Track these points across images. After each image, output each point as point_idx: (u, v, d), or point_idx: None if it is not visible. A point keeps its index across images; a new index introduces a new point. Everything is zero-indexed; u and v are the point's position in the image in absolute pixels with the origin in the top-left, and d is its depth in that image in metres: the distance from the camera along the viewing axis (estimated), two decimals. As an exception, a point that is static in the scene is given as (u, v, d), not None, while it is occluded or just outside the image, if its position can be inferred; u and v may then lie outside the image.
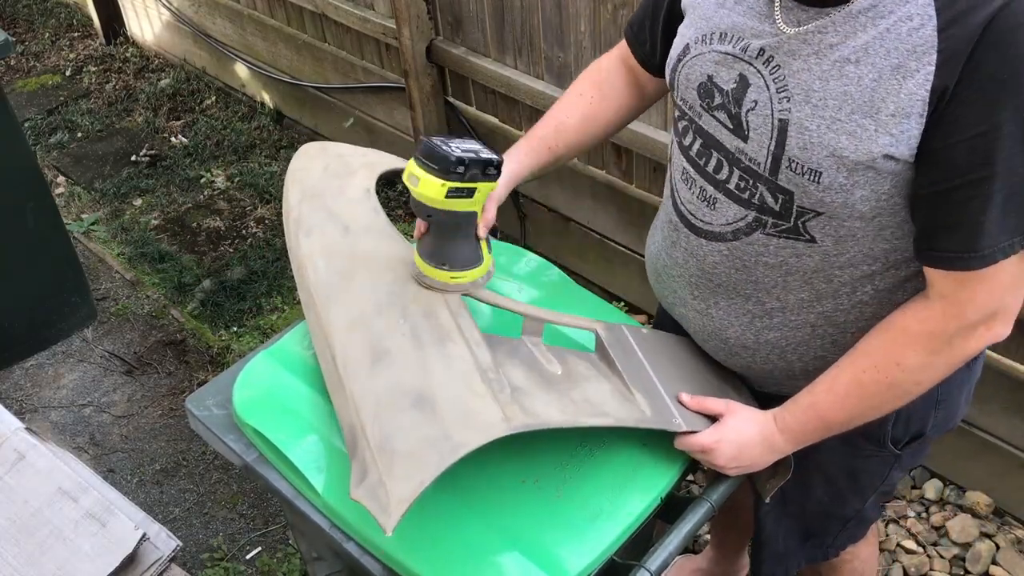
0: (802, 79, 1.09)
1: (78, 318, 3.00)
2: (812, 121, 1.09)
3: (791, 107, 1.10)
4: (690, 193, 1.28)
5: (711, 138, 1.23)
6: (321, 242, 1.43)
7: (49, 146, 4.03)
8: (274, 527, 2.43)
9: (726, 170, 1.22)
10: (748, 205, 1.21)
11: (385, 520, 1.05)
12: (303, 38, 3.57)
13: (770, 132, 1.13)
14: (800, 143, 1.10)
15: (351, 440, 1.19)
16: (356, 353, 1.26)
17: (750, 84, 1.15)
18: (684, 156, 1.29)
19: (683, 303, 1.40)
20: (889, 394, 1.19)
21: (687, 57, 1.24)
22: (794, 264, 1.22)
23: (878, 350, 1.18)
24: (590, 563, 1.20)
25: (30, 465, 1.25)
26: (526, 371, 1.26)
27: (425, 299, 1.32)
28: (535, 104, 2.72)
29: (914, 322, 1.14)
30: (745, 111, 1.16)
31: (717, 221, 1.25)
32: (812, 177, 1.11)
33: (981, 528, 2.24)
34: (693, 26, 1.23)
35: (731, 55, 1.17)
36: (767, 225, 1.20)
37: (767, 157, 1.15)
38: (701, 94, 1.22)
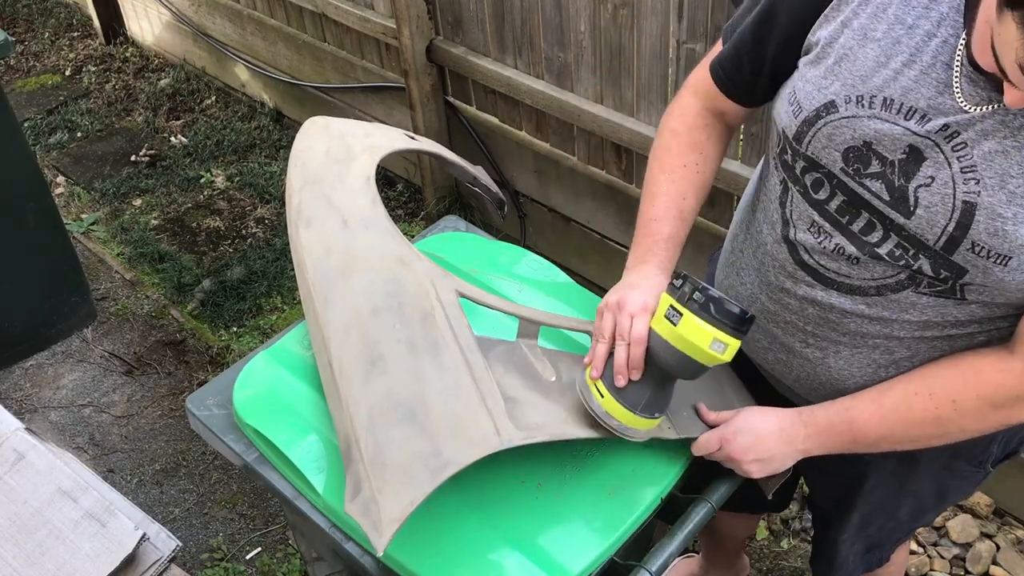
0: (996, 163, 1.01)
1: (78, 318, 3.00)
2: (1008, 209, 1.01)
3: (980, 190, 1.02)
4: (822, 249, 1.18)
5: (861, 200, 1.12)
6: (320, 235, 1.43)
7: (49, 146, 4.03)
8: (274, 527, 2.43)
9: (878, 233, 1.12)
10: (901, 268, 1.12)
11: (376, 539, 1.06)
12: (303, 38, 3.57)
13: (949, 213, 1.05)
14: (991, 229, 1.02)
15: (345, 450, 1.20)
16: (351, 357, 1.26)
17: (925, 159, 1.05)
18: (815, 208, 1.17)
19: (786, 350, 1.31)
20: (930, 428, 1.16)
21: (832, 116, 1.11)
22: (938, 321, 1.15)
23: (940, 379, 1.14)
24: (590, 563, 1.20)
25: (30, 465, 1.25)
26: (520, 378, 1.26)
27: (420, 301, 1.31)
28: (535, 104, 2.72)
29: (991, 369, 1.11)
30: (915, 186, 1.06)
31: (859, 276, 1.16)
32: (999, 261, 1.04)
33: (981, 528, 2.24)
34: (841, 80, 1.10)
35: (900, 127, 1.06)
36: (920, 284, 1.12)
37: (940, 236, 1.06)
38: (849, 158, 1.11)
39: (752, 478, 1.29)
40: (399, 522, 1.06)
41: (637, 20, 2.31)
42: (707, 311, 1.11)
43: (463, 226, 1.80)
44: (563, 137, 2.77)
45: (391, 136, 1.64)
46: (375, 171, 1.52)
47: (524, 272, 1.62)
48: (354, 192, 1.48)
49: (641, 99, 2.45)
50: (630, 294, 1.23)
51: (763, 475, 1.27)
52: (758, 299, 1.32)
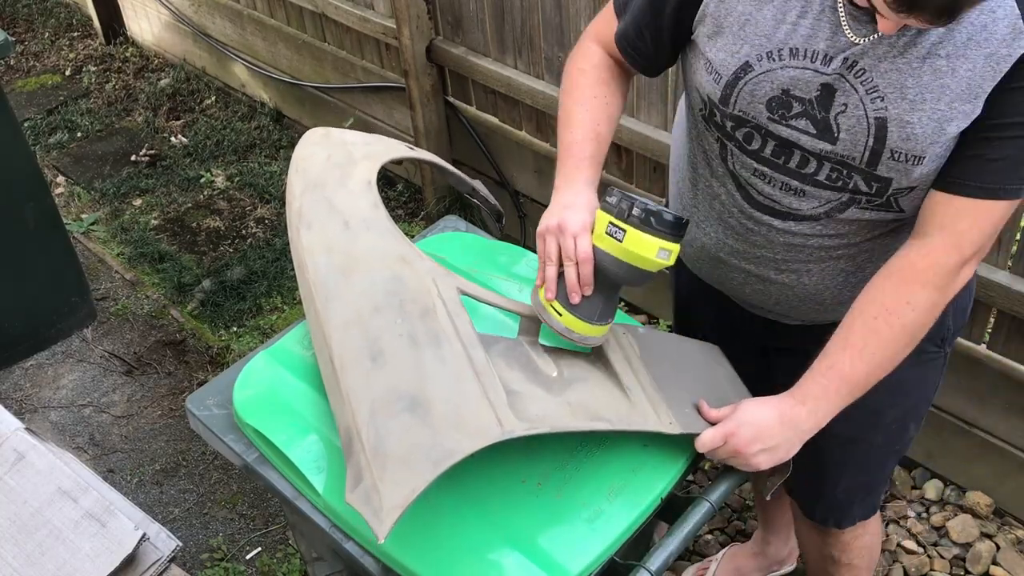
0: (893, 79, 1.16)
1: (78, 318, 3.00)
2: (912, 115, 1.16)
3: (887, 105, 1.17)
4: (770, 188, 1.32)
5: (788, 142, 1.26)
6: (321, 236, 1.43)
7: (49, 146, 4.03)
8: (274, 527, 2.43)
9: (813, 165, 1.26)
10: (841, 190, 1.27)
11: (378, 527, 1.06)
12: (303, 38, 3.57)
13: (866, 130, 1.19)
14: (902, 135, 1.17)
15: (347, 442, 1.20)
16: (352, 352, 1.26)
17: (836, 90, 1.20)
18: (753, 157, 1.31)
19: (762, 280, 1.43)
20: (904, 338, 1.24)
21: (750, 75, 1.25)
22: (883, 227, 1.31)
23: (886, 293, 1.23)
24: (590, 563, 1.20)
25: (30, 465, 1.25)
26: (521, 373, 1.26)
27: (422, 298, 1.31)
28: (535, 104, 2.71)
29: (918, 258, 1.22)
30: (834, 115, 1.21)
31: (807, 206, 1.31)
32: (915, 162, 1.18)
33: (981, 528, 2.24)
34: (749, 42, 1.24)
35: (808, 69, 1.21)
36: (861, 202, 1.27)
37: (863, 152, 1.21)
38: (773, 107, 1.25)
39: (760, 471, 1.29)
40: (400, 509, 1.06)
41: (637, 20, 2.31)
42: (648, 224, 1.21)
43: (463, 226, 1.80)
44: (563, 137, 2.77)
45: (391, 145, 1.65)
46: (376, 176, 1.53)
47: (524, 272, 1.62)
48: (355, 195, 1.48)
49: (641, 99, 2.45)
50: (567, 215, 1.30)
51: (771, 465, 1.27)
52: (726, 243, 1.43)
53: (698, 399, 1.34)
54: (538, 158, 2.89)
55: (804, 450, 1.55)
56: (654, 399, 1.30)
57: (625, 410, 1.27)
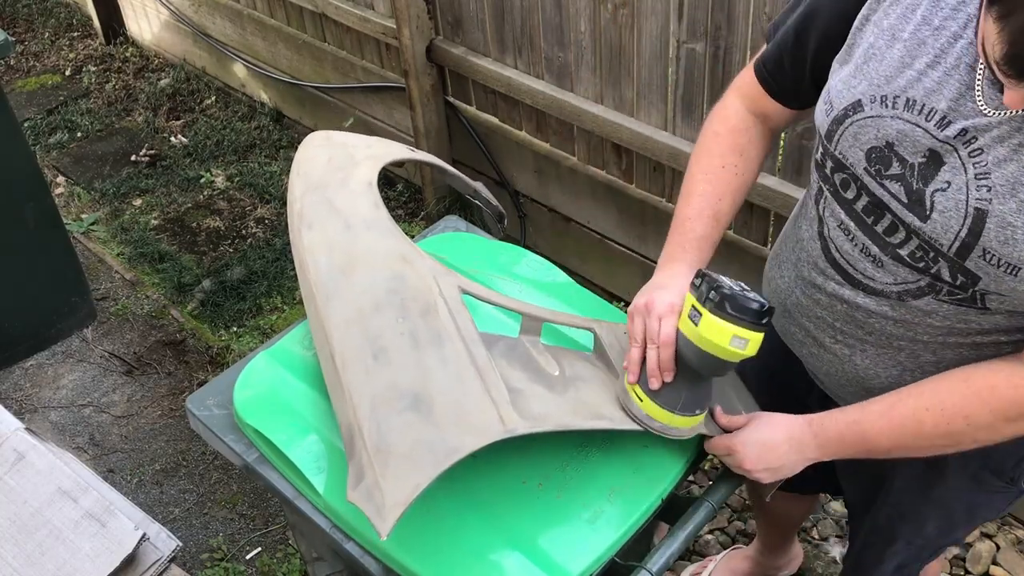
0: (1008, 170, 1.01)
1: (78, 318, 3.00)
2: (1018, 218, 1.01)
3: (991, 197, 1.02)
4: (851, 246, 1.20)
5: (881, 202, 1.14)
6: (322, 236, 1.43)
7: (49, 146, 4.03)
8: (274, 527, 2.43)
9: (901, 235, 1.13)
10: (922, 272, 1.13)
11: (380, 524, 1.06)
12: (303, 38, 3.57)
13: (962, 219, 1.05)
14: (1001, 237, 1.02)
15: (348, 440, 1.19)
16: (354, 351, 1.26)
17: (944, 164, 1.05)
18: (843, 208, 1.20)
19: (818, 344, 1.33)
20: (942, 441, 1.15)
21: (858, 115, 1.12)
22: (961, 328, 1.16)
23: (952, 396, 1.13)
24: (591, 564, 1.20)
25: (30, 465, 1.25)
26: (523, 372, 1.26)
27: (423, 296, 1.31)
28: (535, 104, 2.71)
29: (1005, 385, 1.10)
30: (932, 190, 1.07)
31: (882, 279, 1.18)
32: (1009, 271, 1.04)
33: (981, 528, 2.24)
34: (867, 79, 1.11)
35: (921, 128, 1.07)
36: (941, 292, 1.13)
37: (954, 241, 1.07)
38: (871, 158, 1.12)
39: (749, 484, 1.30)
40: (403, 507, 1.05)
41: (637, 20, 2.31)
42: (723, 309, 1.12)
43: (463, 226, 1.80)
44: (563, 137, 2.77)
45: (392, 147, 1.65)
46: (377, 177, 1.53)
47: (524, 272, 1.62)
48: (356, 195, 1.48)
49: (641, 99, 2.45)
50: (657, 295, 1.24)
51: (772, 481, 1.28)
52: (793, 292, 1.34)
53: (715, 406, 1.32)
54: (538, 158, 2.89)
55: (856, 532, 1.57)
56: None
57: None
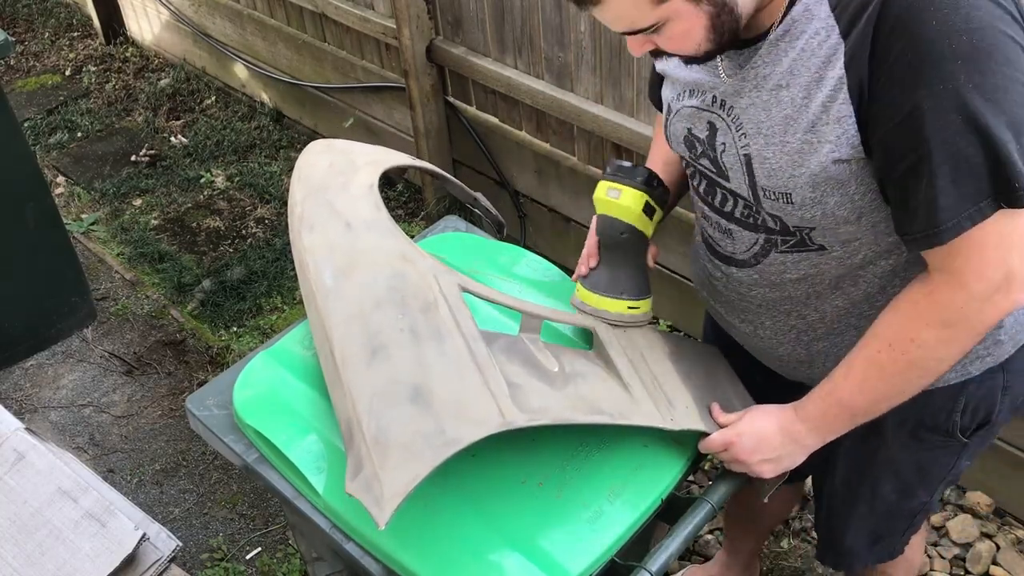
0: (751, 114, 1.18)
1: (78, 318, 3.00)
2: (768, 150, 1.16)
3: (749, 142, 1.18)
4: (712, 228, 1.35)
5: (710, 180, 1.31)
6: (323, 238, 1.43)
7: (49, 146, 4.03)
8: (274, 527, 2.43)
9: (731, 202, 1.29)
10: (756, 229, 1.27)
11: (378, 514, 1.05)
12: (303, 38, 3.57)
13: (741, 168, 1.21)
14: (765, 172, 1.18)
15: (347, 434, 1.20)
16: (354, 347, 1.26)
17: (717, 129, 1.24)
18: (698, 196, 1.36)
19: (731, 326, 1.45)
20: (911, 373, 1.18)
21: (671, 116, 1.33)
22: (817, 274, 1.26)
23: (889, 328, 1.18)
24: (590, 564, 1.20)
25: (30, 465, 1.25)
26: (523, 368, 1.26)
27: (423, 294, 1.32)
28: (535, 104, 2.72)
29: (920, 296, 1.14)
30: (719, 154, 1.25)
31: (738, 249, 1.32)
32: (786, 199, 1.18)
33: (981, 528, 2.24)
34: (670, 86, 1.33)
35: (698, 107, 1.26)
36: (778, 244, 1.25)
37: (748, 190, 1.22)
38: (687, 146, 1.31)
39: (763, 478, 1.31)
40: (401, 497, 1.05)
41: (637, 20, 2.31)
42: (605, 172, 1.35)
43: (463, 226, 1.80)
44: (563, 137, 2.77)
45: (392, 155, 1.65)
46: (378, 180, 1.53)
47: (524, 272, 1.62)
48: (357, 198, 1.49)
49: (641, 99, 2.45)
50: None
51: (774, 474, 1.29)
52: (705, 282, 1.46)
53: (700, 398, 1.35)
54: (538, 158, 2.89)
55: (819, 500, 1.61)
56: (655, 395, 1.30)
57: (626, 405, 1.27)
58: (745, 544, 2.07)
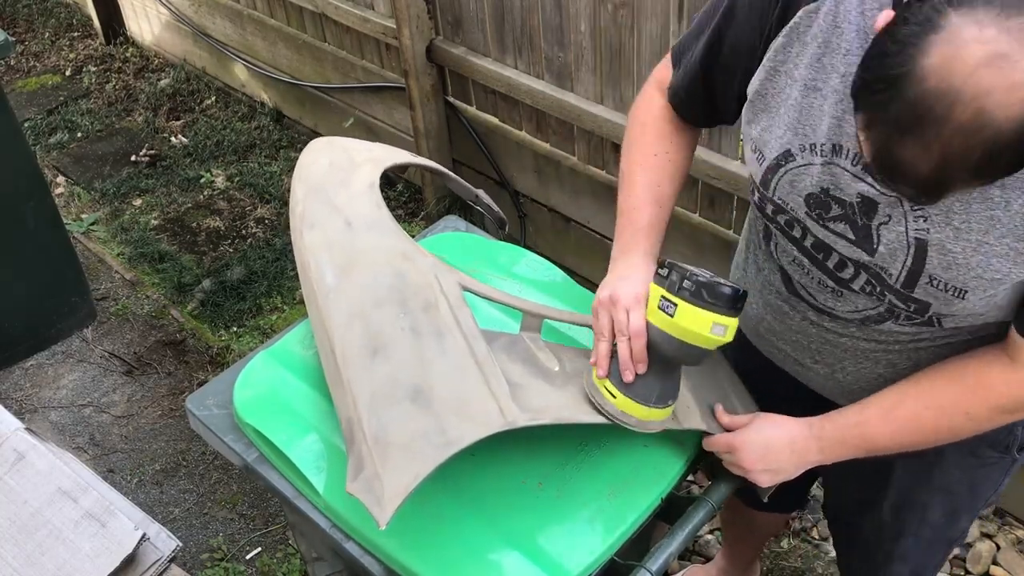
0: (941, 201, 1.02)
1: (78, 318, 3.00)
2: (956, 244, 1.04)
3: (929, 227, 1.05)
4: (808, 279, 1.24)
5: (824, 243, 1.16)
6: (324, 236, 1.43)
7: (49, 146, 4.02)
8: (274, 527, 2.43)
9: (850, 270, 1.16)
10: (877, 302, 1.17)
11: (379, 513, 1.05)
12: (303, 38, 3.57)
13: (906, 248, 1.08)
14: (943, 264, 1.06)
15: (348, 433, 1.20)
16: (355, 346, 1.26)
17: (878, 203, 1.08)
18: (794, 245, 1.22)
19: (799, 364, 1.36)
20: (943, 435, 1.19)
21: (790, 164, 1.14)
22: (927, 339, 1.20)
23: (950, 395, 1.16)
24: (590, 564, 1.20)
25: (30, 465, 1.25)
26: (524, 367, 1.26)
27: (424, 292, 1.32)
28: (535, 104, 2.71)
29: (1000, 382, 1.13)
30: (876, 224, 1.10)
31: (843, 308, 1.22)
32: (956, 294, 1.08)
33: (981, 528, 2.24)
34: (792, 129, 1.14)
35: (848, 172, 1.09)
36: (900, 317, 1.17)
37: (901, 271, 1.10)
38: (811, 203, 1.14)
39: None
40: (402, 496, 1.06)
41: (637, 20, 2.31)
42: (700, 297, 1.11)
43: (463, 226, 1.80)
44: (563, 137, 2.77)
45: (393, 152, 1.65)
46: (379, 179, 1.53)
47: (524, 272, 1.62)
48: (358, 196, 1.49)
49: (641, 99, 2.45)
50: (621, 287, 1.23)
51: (770, 484, 1.28)
52: (764, 318, 1.36)
53: (701, 398, 1.33)
54: (538, 158, 2.90)
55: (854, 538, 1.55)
56: None
57: None
58: (743, 549, 2.07)
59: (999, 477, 1.43)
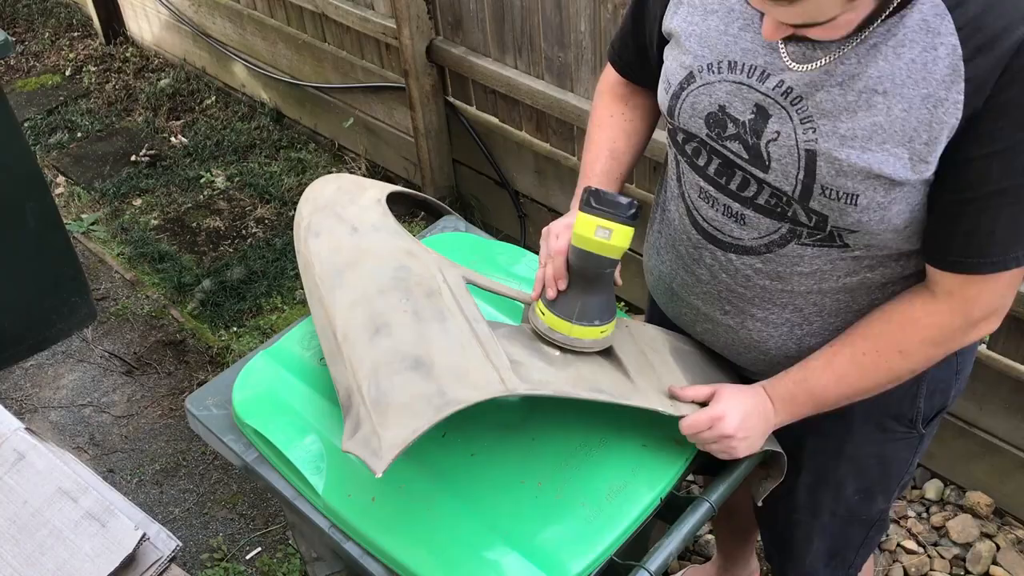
0: (827, 109, 1.10)
1: (78, 318, 3.00)
2: (842, 151, 1.10)
3: (817, 138, 1.11)
4: (713, 211, 1.28)
5: (730, 161, 1.22)
6: (329, 240, 1.44)
7: (49, 146, 4.03)
8: (274, 527, 2.43)
9: (753, 187, 1.21)
10: (780, 218, 1.21)
11: (375, 463, 1.05)
12: (303, 38, 3.57)
13: (796, 162, 1.14)
14: (832, 171, 1.11)
15: (346, 401, 1.19)
16: (357, 326, 1.26)
17: (770, 115, 1.14)
18: (700, 175, 1.28)
19: (709, 319, 1.39)
20: (884, 377, 1.23)
21: (691, 86, 1.22)
22: (828, 270, 1.23)
23: (882, 336, 1.21)
24: (590, 564, 1.20)
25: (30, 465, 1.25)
26: (525, 349, 1.27)
27: (427, 282, 1.32)
28: (535, 104, 2.72)
29: (923, 315, 1.18)
30: (765, 142, 1.16)
31: (748, 236, 1.25)
32: (848, 200, 1.12)
33: (981, 528, 2.24)
34: (692, 52, 1.21)
35: (745, 85, 1.16)
36: (802, 236, 1.20)
37: (795, 185, 1.15)
38: (710, 123, 1.21)
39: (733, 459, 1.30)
40: (400, 448, 1.05)
41: (637, 20, 2.31)
42: (589, 204, 1.21)
43: (463, 226, 1.81)
44: (563, 137, 2.77)
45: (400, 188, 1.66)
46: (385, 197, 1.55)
47: (523, 272, 1.62)
48: (364, 208, 1.51)
49: (641, 99, 2.45)
50: (558, 220, 1.35)
51: (746, 453, 1.28)
52: (678, 274, 1.40)
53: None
54: (538, 158, 2.90)
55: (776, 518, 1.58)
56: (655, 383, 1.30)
57: (627, 388, 1.27)
58: (735, 545, 2.08)
59: (908, 455, 1.46)
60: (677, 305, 1.44)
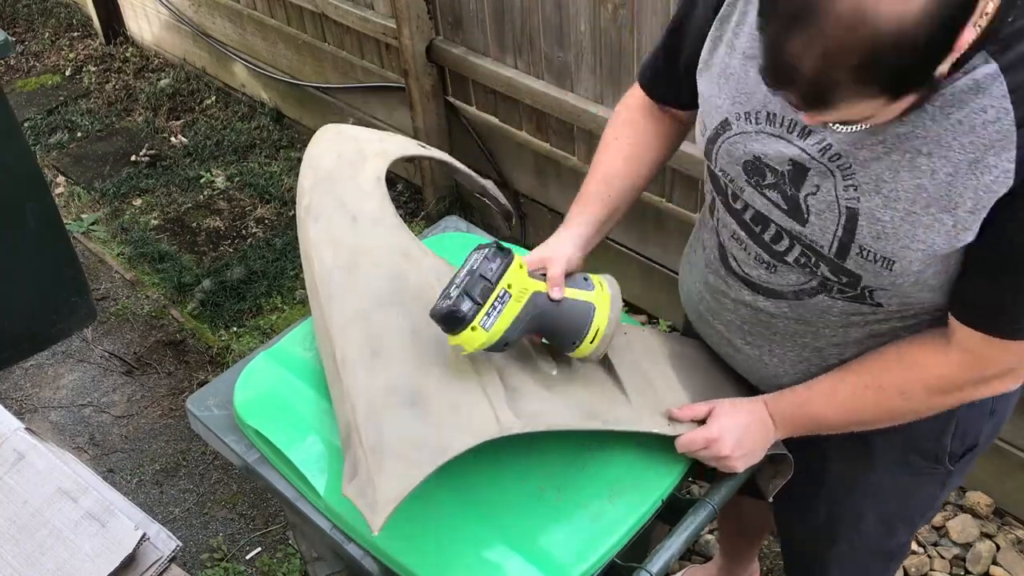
0: (871, 169, 1.05)
1: (78, 318, 2.99)
2: (885, 212, 1.05)
3: (859, 196, 1.06)
4: (745, 255, 1.25)
5: (765, 211, 1.18)
6: (328, 231, 1.44)
7: (49, 146, 4.02)
8: (274, 527, 2.43)
9: (785, 242, 1.18)
10: (811, 274, 1.18)
11: (372, 519, 1.06)
12: (303, 38, 3.57)
13: (836, 218, 1.09)
14: (873, 233, 1.07)
15: (345, 436, 1.20)
16: (354, 348, 1.27)
17: (808, 169, 1.10)
18: (735, 219, 1.24)
19: (731, 345, 1.37)
20: (884, 416, 1.23)
21: (728, 134, 1.18)
22: (858, 321, 1.21)
23: (887, 375, 1.19)
24: (591, 565, 1.20)
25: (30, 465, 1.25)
26: (522, 371, 1.26)
27: (424, 295, 1.32)
28: (535, 104, 2.71)
29: (932, 362, 1.15)
30: (804, 195, 1.11)
31: (777, 282, 1.23)
32: (885, 265, 1.08)
33: (981, 528, 2.24)
34: (730, 98, 1.17)
35: (784, 139, 1.11)
36: (832, 290, 1.18)
37: (832, 242, 1.11)
38: (748, 171, 1.17)
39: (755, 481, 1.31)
40: (395, 503, 1.07)
41: (637, 20, 2.31)
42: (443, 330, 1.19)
43: (464, 226, 1.80)
44: (563, 137, 2.77)
45: (403, 143, 1.65)
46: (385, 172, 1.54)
47: (524, 272, 1.62)
48: (364, 191, 1.50)
49: (641, 99, 2.45)
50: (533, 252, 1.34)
51: (745, 468, 1.29)
52: (704, 297, 1.39)
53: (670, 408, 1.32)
54: (538, 158, 2.89)
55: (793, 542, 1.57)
56: (651, 400, 1.30)
57: (622, 410, 1.27)
58: (739, 547, 2.08)
59: (934, 490, 1.43)
60: (704, 326, 1.43)
